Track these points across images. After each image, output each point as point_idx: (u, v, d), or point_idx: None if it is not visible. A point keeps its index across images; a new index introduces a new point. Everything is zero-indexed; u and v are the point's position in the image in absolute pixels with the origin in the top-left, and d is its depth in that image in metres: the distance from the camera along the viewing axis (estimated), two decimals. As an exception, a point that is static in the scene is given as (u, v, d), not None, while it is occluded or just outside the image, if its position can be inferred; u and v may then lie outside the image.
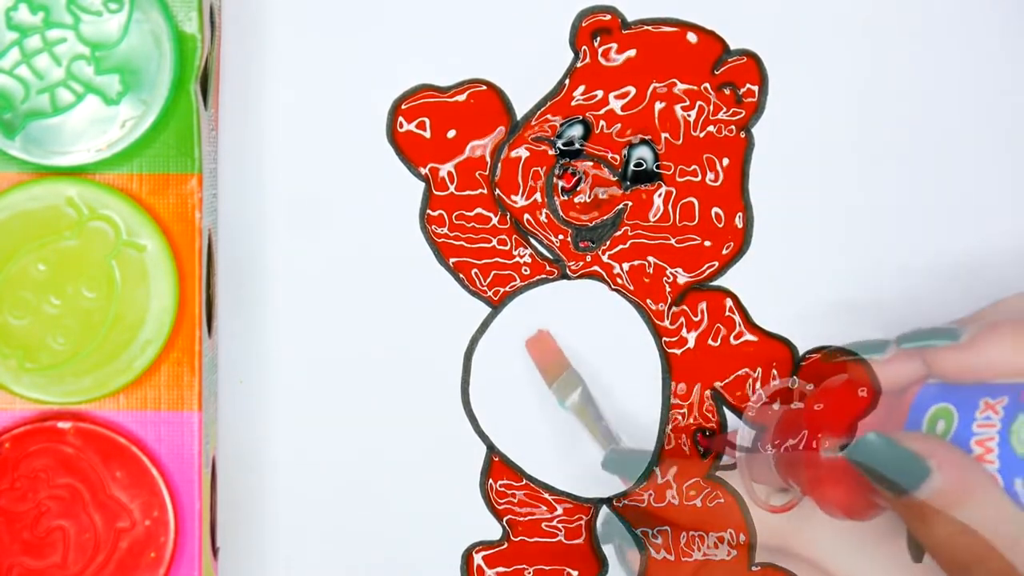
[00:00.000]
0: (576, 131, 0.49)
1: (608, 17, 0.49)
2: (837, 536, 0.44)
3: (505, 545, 0.50)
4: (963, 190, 0.49)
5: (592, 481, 0.50)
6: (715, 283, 0.49)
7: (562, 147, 0.49)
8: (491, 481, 0.50)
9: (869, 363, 0.43)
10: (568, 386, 0.48)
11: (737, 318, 0.49)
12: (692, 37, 0.49)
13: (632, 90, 0.49)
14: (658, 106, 0.49)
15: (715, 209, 0.49)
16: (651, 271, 0.49)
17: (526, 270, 0.50)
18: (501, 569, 0.50)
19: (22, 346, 0.45)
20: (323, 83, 0.49)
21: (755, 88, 0.49)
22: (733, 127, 0.49)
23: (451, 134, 0.49)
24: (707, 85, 0.49)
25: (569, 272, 0.50)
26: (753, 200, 0.49)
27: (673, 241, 0.49)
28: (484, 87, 0.49)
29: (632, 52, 0.49)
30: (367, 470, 0.49)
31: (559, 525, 0.50)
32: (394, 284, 0.50)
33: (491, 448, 0.50)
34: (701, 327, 0.49)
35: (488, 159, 0.49)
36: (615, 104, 0.49)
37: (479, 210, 0.50)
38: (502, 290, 0.50)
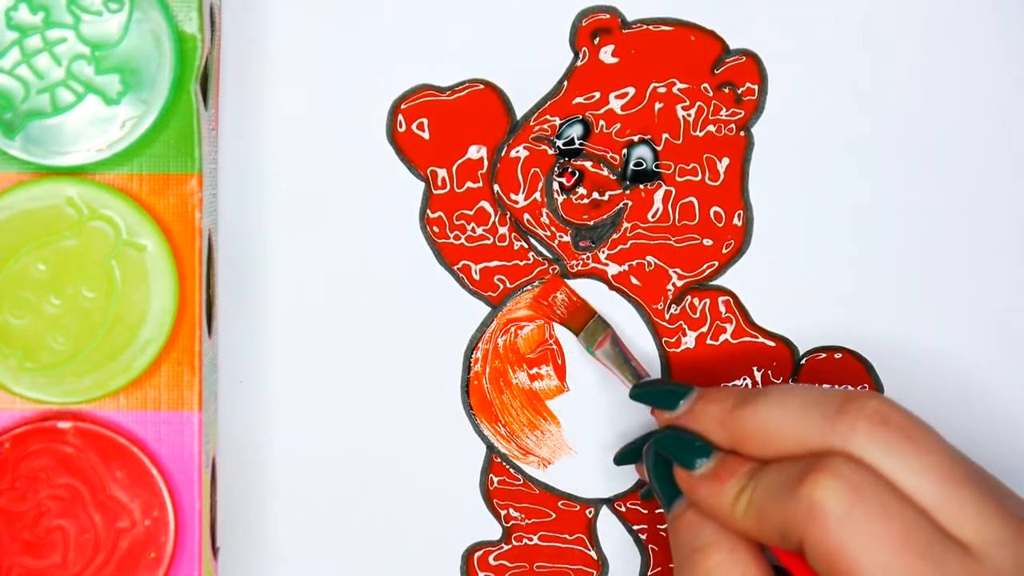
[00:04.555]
0: (576, 131, 0.49)
1: (608, 17, 0.49)
2: None
3: (505, 545, 0.50)
4: (963, 189, 0.49)
5: (592, 481, 0.50)
6: (715, 283, 0.49)
7: (562, 147, 0.49)
8: (491, 481, 0.50)
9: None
10: (597, 333, 0.48)
11: (737, 318, 0.49)
12: (692, 37, 0.49)
13: (632, 90, 0.49)
14: (658, 106, 0.49)
15: (715, 208, 0.49)
16: (651, 271, 0.49)
17: (526, 270, 0.50)
18: (501, 567, 0.50)
19: (22, 346, 0.45)
20: (323, 83, 0.49)
21: (755, 88, 0.49)
22: (733, 127, 0.49)
23: (451, 134, 0.49)
24: (707, 85, 0.49)
25: (569, 272, 0.50)
26: (753, 200, 0.49)
27: (673, 241, 0.49)
28: (484, 87, 0.49)
29: (632, 52, 0.49)
30: (367, 470, 0.49)
31: (559, 525, 0.50)
32: (394, 284, 0.50)
33: (491, 448, 0.50)
34: (701, 327, 0.49)
35: (488, 159, 0.50)
36: (615, 104, 0.49)
37: (479, 208, 0.50)
38: (502, 289, 0.50)
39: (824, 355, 0.49)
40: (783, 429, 0.41)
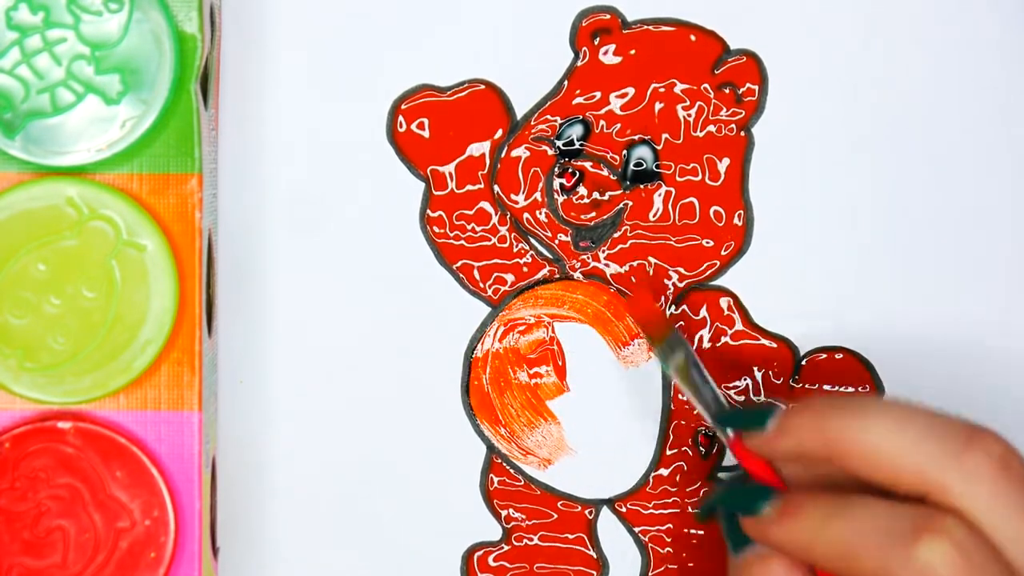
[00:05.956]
0: (576, 131, 0.49)
1: (608, 17, 0.49)
2: None
3: (505, 546, 0.50)
4: (963, 189, 0.49)
5: (592, 481, 0.50)
6: (715, 283, 0.49)
7: (562, 147, 0.49)
8: (491, 481, 0.50)
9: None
10: (673, 349, 0.47)
11: (737, 318, 0.49)
12: (692, 37, 0.49)
13: (632, 90, 0.49)
14: (658, 106, 0.49)
15: (715, 208, 0.49)
16: (651, 271, 0.49)
17: (526, 270, 0.50)
18: (502, 567, 0.50)
19: (22, 346, 0.45)
20: (323, 83, 0.49)
21: (755, 88, 0.49)
22: (733, 127, 0.49)
23: (451, 134, 0.49)
24: (707, 85, 0.49)
25: (569, 272, 0.50)
26: (753, 200, 0.49)
27: (673, 241, 0.49)
28: (484, 87, 0.49)
29: (632, 52, 0.49)
30: (367, 470, 0.49)
31: (559, 525, 0.50)
32: (394, 284, 0.50)
33: (491, 448, 0.50)
34: (702, 328, 0.49)
35: (488, 159, 0.50)
36: (615, 104, 0.49)
37: (479, 208, 0.50)
38: (502, 290, 0.50)
39: (825, 355, 0.49)
40: (901, 455, 0.39)
